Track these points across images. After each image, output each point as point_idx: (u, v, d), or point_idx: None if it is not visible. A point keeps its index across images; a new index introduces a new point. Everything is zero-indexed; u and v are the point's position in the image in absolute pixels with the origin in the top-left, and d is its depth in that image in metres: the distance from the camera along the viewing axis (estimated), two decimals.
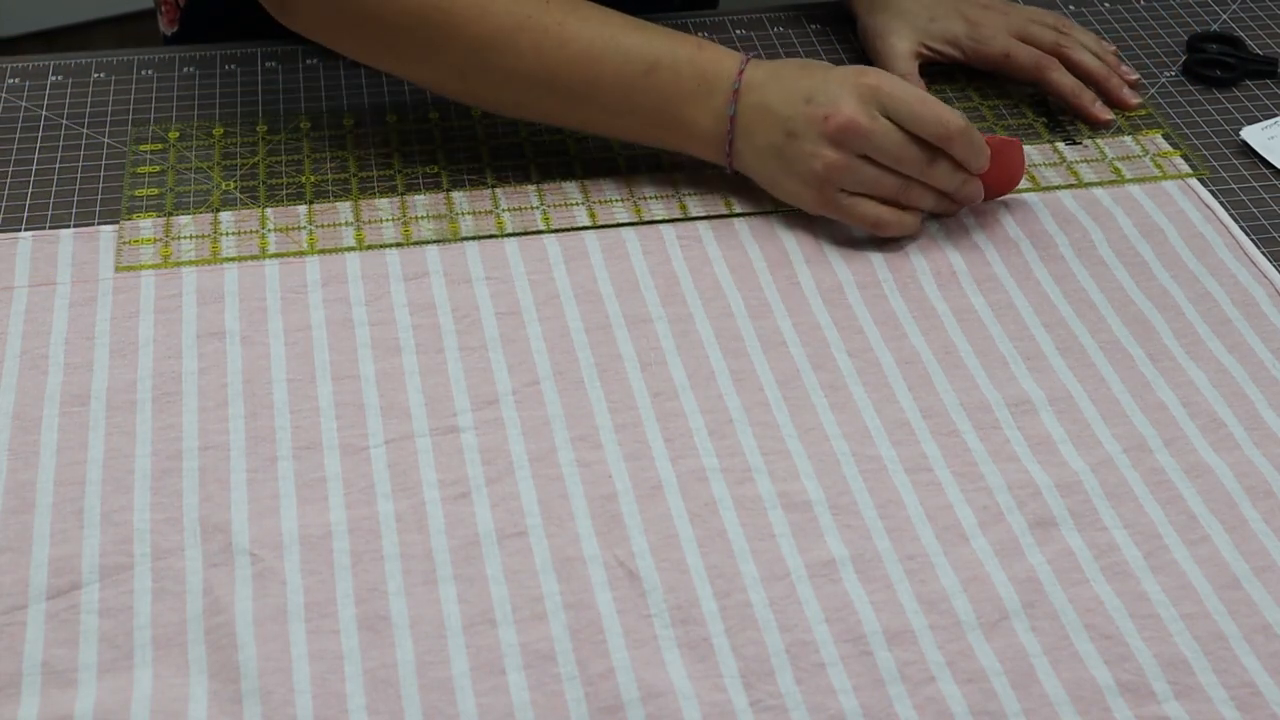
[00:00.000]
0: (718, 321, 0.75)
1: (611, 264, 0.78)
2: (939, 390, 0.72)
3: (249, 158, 0.85)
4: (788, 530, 0.65)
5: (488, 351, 0.73)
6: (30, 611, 0.61)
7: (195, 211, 0.81)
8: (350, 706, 0.58)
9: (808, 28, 0.99)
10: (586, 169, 0.85)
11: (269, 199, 0.82)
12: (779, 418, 0.70)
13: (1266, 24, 1.01)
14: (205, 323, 0.74)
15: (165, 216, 0.80)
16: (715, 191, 0.83)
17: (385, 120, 0.89)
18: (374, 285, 0.77)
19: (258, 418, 0.69)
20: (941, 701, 0.58)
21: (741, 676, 0.59)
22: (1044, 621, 0.61)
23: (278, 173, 0.84)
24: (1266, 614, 0.62)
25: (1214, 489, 0.67)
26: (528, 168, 0.85)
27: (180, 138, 0.87)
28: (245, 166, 0.84)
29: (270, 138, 0.87)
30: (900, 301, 0.77)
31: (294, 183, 0.83)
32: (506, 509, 0.65)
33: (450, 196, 0.82)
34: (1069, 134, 0.89)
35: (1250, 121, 0.91)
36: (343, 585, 0.62)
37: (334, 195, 0.83)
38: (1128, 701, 0.59)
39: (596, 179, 0.84)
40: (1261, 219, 0.83)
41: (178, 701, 0.58)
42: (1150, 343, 0.75)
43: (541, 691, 0.58)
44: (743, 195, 0.83)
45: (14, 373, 0.71)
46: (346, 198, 0.82)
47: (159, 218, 0.80)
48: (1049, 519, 0.66)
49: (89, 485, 0.66)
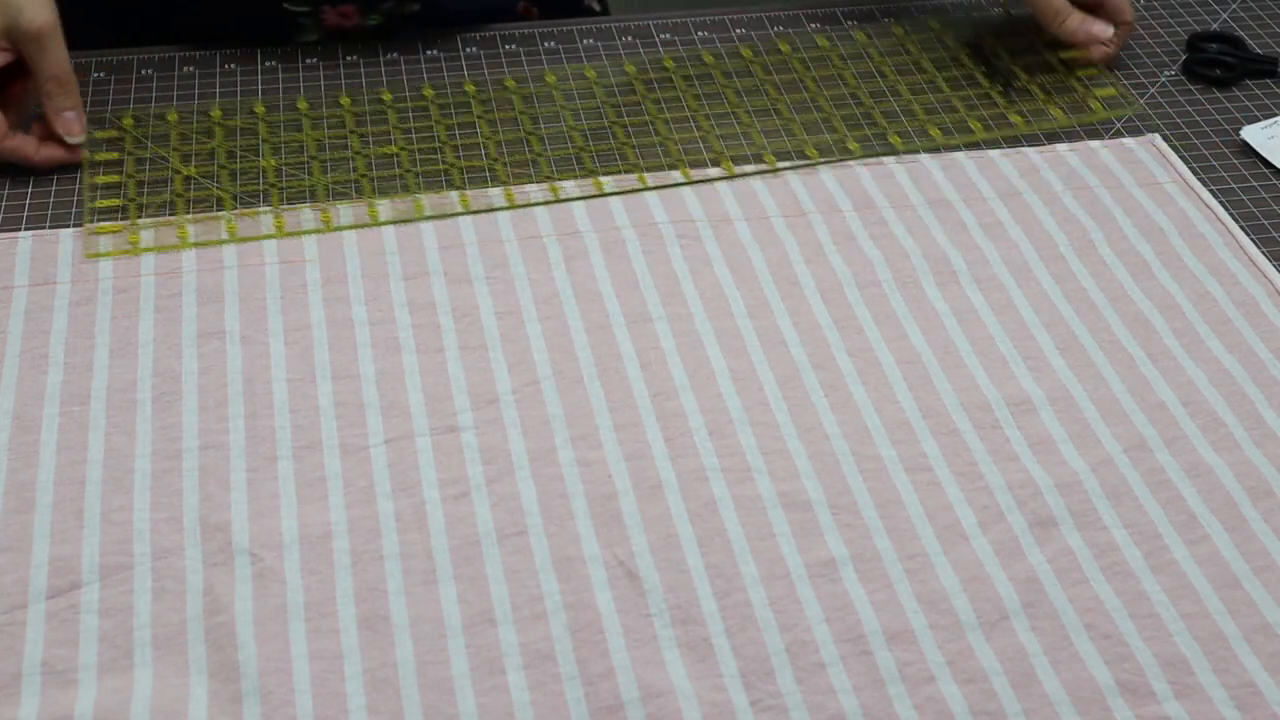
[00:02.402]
0: (718, 321, 0.75)
1: (611, 264, 0.78)
2: (939, 390, 0.72)
3: (206, 142, 0.85)
4: (788, 530, 0.65)
5: (488, 351, 0.73)
6: (30, 611, 0.61)
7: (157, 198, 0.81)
8: (350, 706, 0.58)
9: (807, 27, 0.99)
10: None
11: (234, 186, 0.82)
12: (779, 417, 0.70)
13: (1266, 24, 1.01)
14: (205, 322, 0.74)
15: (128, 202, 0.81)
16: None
17: (387, 117, 0.89)
18: (374, 285, 0.77)
19: (258, 417, 0.69)
20: (941, 701, 0.58)
21: (741, 676, 0.59)
22: (1044, 621, 0.61)
23: (235, 161, 0.84)
24: (1266, 614, 0.62)
25: (1214, 489, 0.67)
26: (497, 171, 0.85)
27: (137, 124, 0.87)
28: (202, 154, 0.84)
29: (271, 138, 0.87)
30: (900, 301, 0.77)
31: (301, 186, 0.83)
32: (506, 508, 0.65)
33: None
34: (1007, 82, 0.92)
35: (1250, 121, 0.91)
36: (343, 585, 0.62)
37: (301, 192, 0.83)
38: (1128, 701, 0.59)
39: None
40: (1261, 219, 0.83)
41: (178, 701, 0.58)
42: (1150, 342, 0.75)
43: (541, 691, 0.58)
44: (742, 197, 0.83)
45: (14, 372, 0.71)
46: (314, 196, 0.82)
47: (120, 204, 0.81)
48: (1049, 519, 0.66)
49: (89, 485, 0.66)
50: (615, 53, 0.96)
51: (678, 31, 0.99)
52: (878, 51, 0.97)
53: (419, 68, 0.94)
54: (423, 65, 0.94)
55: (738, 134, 0.89)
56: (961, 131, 0.89)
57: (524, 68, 0.95)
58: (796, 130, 0.89)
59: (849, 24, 1.00)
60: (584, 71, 0.94)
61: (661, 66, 0.95)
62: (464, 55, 0.96)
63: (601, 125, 0.89)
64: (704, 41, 0.98)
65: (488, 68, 0.94)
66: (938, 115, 0.91)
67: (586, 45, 0.97)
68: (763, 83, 0.93)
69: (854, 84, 0.94)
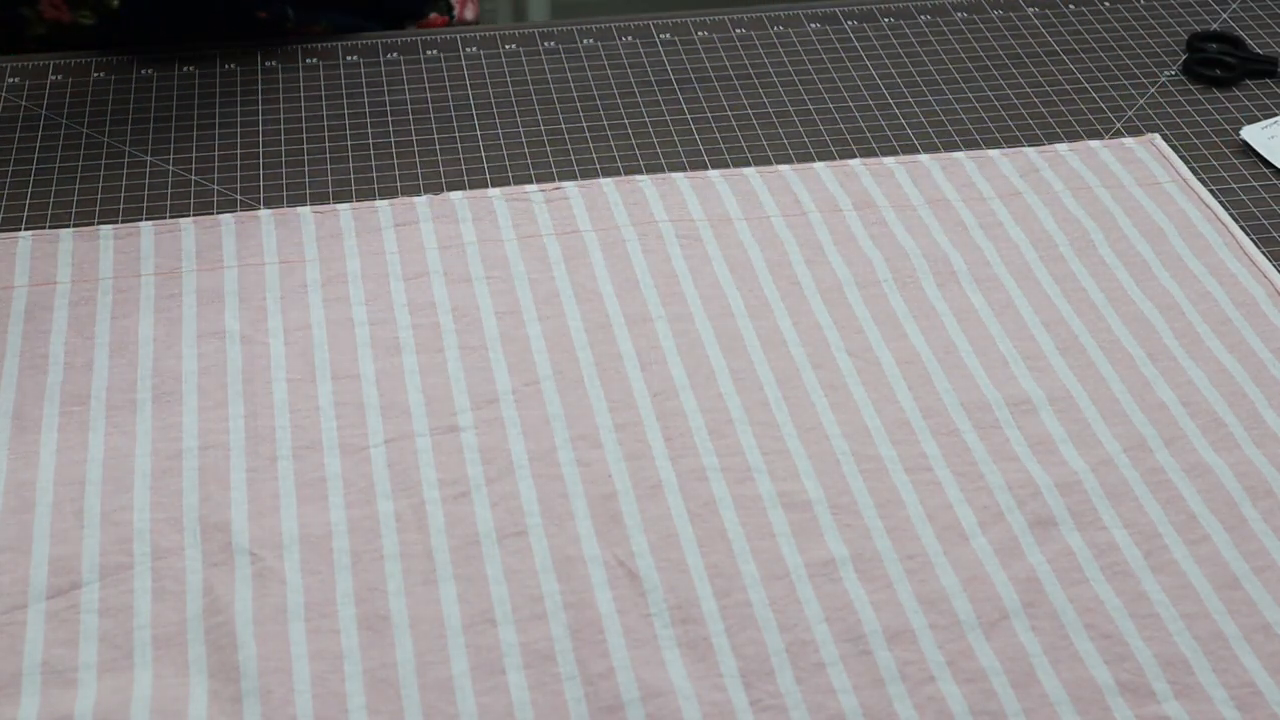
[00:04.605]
0: (718, 321, 0.75)
1: (611, 264, 0.78)
2: (939, 390, 0.72)
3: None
4: (788, 530, 0.65)
5: (488, 351, 0.73)
6: (30, 611, 0.61)
7: None
8: (350, 706, 0.58)
9: (807, 27, 0.99)
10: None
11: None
12: (779, 417, 0.70)
13: (1266, 23, 1.01)
14: (205, 322, 0.74)
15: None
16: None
17: (383, 122, 0.89)
18: (374, 285, 0.77)
19: (258, 417, 0.69)
20: (941, 701, 0.58)
21: (741, 676, 0.59)
22: (1044, 621, 0.61)
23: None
24: (1266, 614, 0.62)
25: (1214, 489, 0.67)
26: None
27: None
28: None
29: (269, 140, 0.87)
30: (900, 301, 0.77)
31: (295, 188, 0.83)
32: (506, 508, 0.65)
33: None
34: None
35: (1250, 121, 0.91)
36: (343, 585, 0.62)
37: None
38: (1127, 701, 0.59)
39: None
40: (1261, 219, 0.83)
41: (178, 701, 0.58)
42: (1150, 342, 0.75)
43: (541, 691, 0.58)
44: (742, 197, 0.83)
45: (14, 372, 0.71)
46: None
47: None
48: (1049, 519, 0.66)
49: (89, 485, 0.66)
50: (615, 53, 0.96)
51: (678, 31, 0.99)
52: (878, 51, 0.97)
53: (419, 68, 0.94)
54: (423, 66, 0.94)
55: (737, 134, 0.89)
56: (962, 131, 0.89)
57: (524, 68, 0.95)
58: (796, 130, 0.89)
59: (849, 24, 1.00)
60: (584, 72, 0.94)
61: (661, 67, 0.95)
62: (464, 56, 0.96)
63: (601, 125, 0.89)
64: (704, 41, 0.98)
65: (488, 68, 0.94)
66: (938, 115, 0.91)
67: (586, 45, 0.97)
68: (763, 83, 0.93)
69: (854, 84, 0.94)
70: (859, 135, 0.89)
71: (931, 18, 1.01)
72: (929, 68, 0.95)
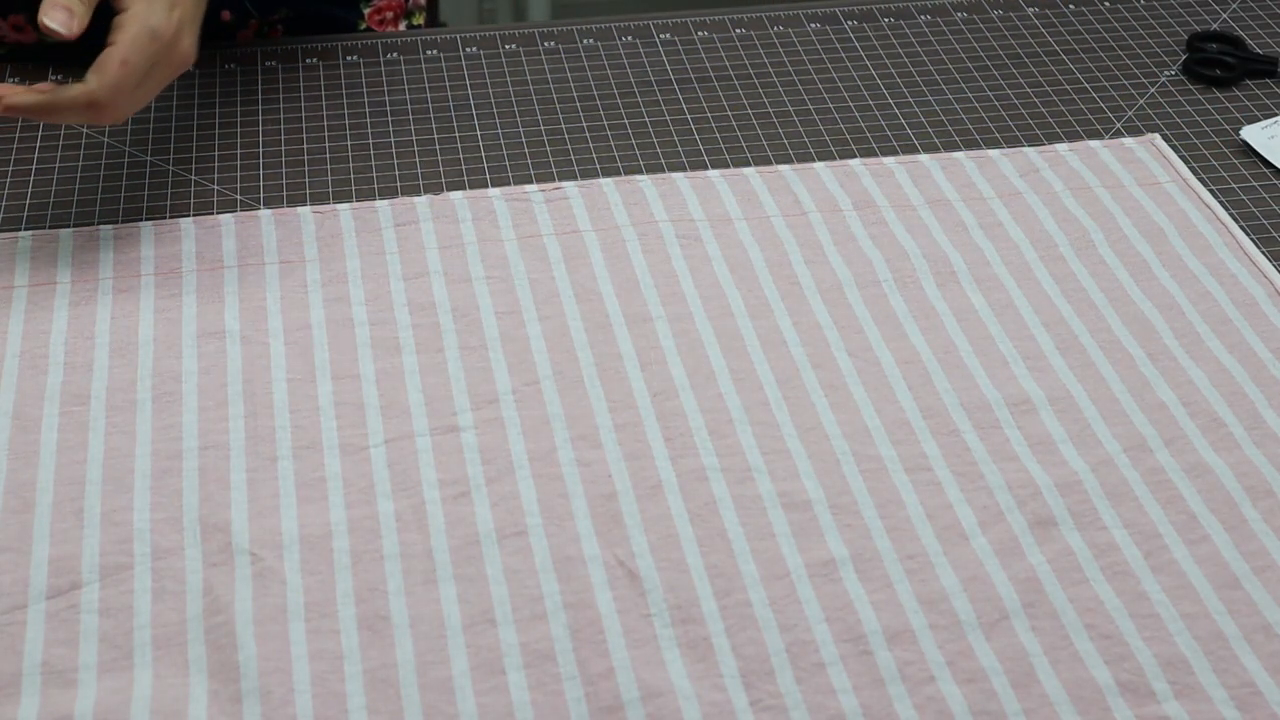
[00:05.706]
0: (718, 321, 0.75)
1: (611, 264, 0.78)
2: (939, 390, 0.72)
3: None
4: (788, 530, 0.65)
5: (487, 351, 0.73)
6: (30, 611, 0.61)
7: None
8: (350, 706, 0.58)
9: (807, 27, 0.99)
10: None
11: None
12: (779, 417, 0.70)
13: (1266, 23, 1.01)
14: (205, 322, 0.74)
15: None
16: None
17: (385, 121, 0.89)
18: (374, 285, 0.77)
19: (258, 417, 0.69)
20: (941, 701, 0.58)
21: (741, 676, 0.59)
22: (1044, 621, 0.61)
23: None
24: (1266, 614, 0.62)
25: (1214, 489, 0.67)
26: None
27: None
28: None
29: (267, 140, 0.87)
30: (900, 301, 0.77)
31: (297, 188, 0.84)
32: (506, 508, 0.65)
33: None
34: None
35: (1250, 121, 0.91)
36: (343, 585, 0.62)
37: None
38: (1128, 701, 0.59)
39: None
40: (1261, 219, 0.83)
41: (178, 701, 0.58)
42: (1150, 343, 0.75)
43: (541, 691, 0.58)
44: (742, 197, 0.83)
45: (14, 372, 0.71)
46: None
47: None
48: (1049, 519, 0.66)
49: (89, 485, 0.66)
50: (615, 53, 0.96)
51: (678, 32, 0.99)
52: (878, 51, 0.97)
53: (419, 68, 0.94)
54: (423, 66, 0.94)
55: (737, 134, 0.89)
56: (962, 131, 0.89)
57: (524, 68, 0.95)
58: (796, 130, 0.89)
59: (849, 24, 1.00)
60: (584, 72, 0.94)
61: (661, 67, 0.95)
62: (464, 56, 0.96)
63: (601, 125, 0.89)
64: (704, 41, 0.98)
65: (488, 68, 0.94)
66: (938, 115, 0.91)
67: (586, 45, 0.97)
68: (763, 83, 0.93)
69: (854, 84, 0.94)
70: (859, 135, 0.89)
71: (931, 18, 1.01)
72: (929, 68, 0.95)
